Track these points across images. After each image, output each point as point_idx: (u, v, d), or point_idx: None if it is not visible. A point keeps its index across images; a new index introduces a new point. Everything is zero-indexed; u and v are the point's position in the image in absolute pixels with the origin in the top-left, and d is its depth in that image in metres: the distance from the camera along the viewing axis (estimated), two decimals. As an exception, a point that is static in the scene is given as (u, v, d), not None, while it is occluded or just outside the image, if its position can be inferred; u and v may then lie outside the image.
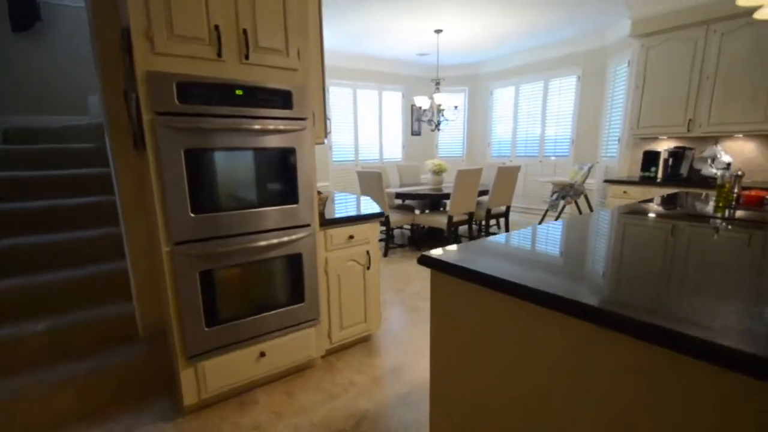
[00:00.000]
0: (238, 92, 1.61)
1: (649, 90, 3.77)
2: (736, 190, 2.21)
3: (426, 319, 2.70)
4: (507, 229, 4.66)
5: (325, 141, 2.31)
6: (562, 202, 4.53)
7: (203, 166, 1.55)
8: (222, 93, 1.56)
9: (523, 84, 5.64)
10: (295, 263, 1.86)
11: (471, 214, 4.20)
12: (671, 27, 3.52)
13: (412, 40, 4.87)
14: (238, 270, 1.70)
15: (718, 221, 1.63)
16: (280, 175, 1.76)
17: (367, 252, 2.17)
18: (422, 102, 4.64)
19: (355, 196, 3.06)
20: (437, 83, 4.65)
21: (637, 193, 3.68)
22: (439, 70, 6.22)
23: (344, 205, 2.51)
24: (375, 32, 4.51)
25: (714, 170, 3.44)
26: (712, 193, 2.60)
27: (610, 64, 4.62)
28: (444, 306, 1.15)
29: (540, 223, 5.12)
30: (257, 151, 1.68)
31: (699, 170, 3.54)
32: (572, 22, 4.27)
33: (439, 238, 4.80)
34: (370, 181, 4.11)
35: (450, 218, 3.98)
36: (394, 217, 4.19)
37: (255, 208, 1.70)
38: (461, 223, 4.17)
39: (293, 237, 1.80)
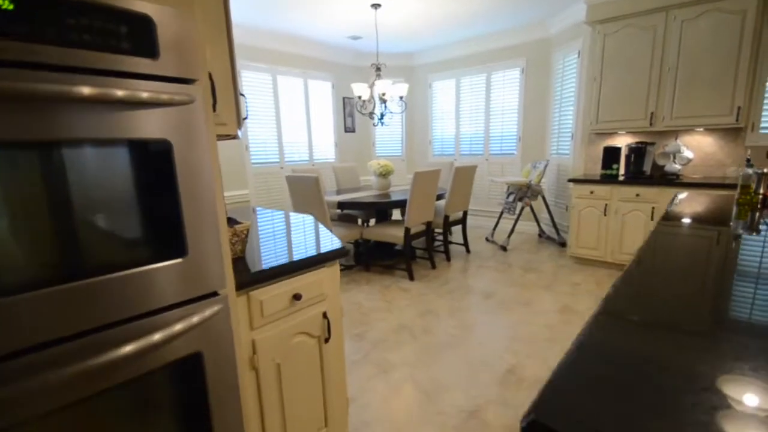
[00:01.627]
0: (4, 3, 0.64)
1: (607, 82, 3.52)
2: (761, 191, 1.87)
3: (411, 382, 1.93)
4: (465, 238, 4.14)
5: (240, 133, 1.40)
6: (520, 204, 4.15)
7: None
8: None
9: (464, 77, 5.22)
10: (188, 374, 0.93)
11: (429, 224, 3.56)
12: (629, 13, 3.29)
13: (343, 19, 4.05)
14: (51, 424, 0.73)
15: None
16: (144, 202, 0.82)
17: (324, 315, 1.32)
18: (361, 90, 3.85)
19: (284, 214, 2.16)
20: (378, 68, 3.90)
21: (604, 192, 3.40)
22: (373, 59, 5.51)
23: (275, 233, 1.61)
24: (298, 3, 3.58)
25: (677, 166, 3.29)
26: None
27: (557, 56, 4.38)
28: None
29: (495, 226, 4.72)
30: (75, 148, 0.72)
31: (662, 166, 3.38)
32: (515, 8, 3.88)
33: (391, 252, 4.08)
34: (304, 188, 3.19)
35: (407, 231, 3.27)
36: (338, 233, 3.34)
37: (84, 278, 0.75)
38: (418, 235, 3.49)
39: (181, 326, 0.87)
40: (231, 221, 1.24)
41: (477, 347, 2.25)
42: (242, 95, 1.41)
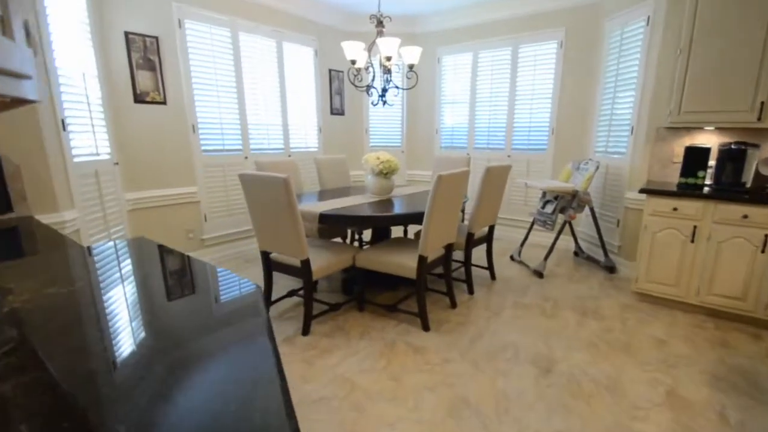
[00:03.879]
0: None
1: (698, 57, 2.52)
2: None
3: None
4: (490, 261, 3.11)
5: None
6: (561, 217, 3.15)
7: None
8: None
9: (484, 50, 4.14)
10: None
11: (449, 246, 2.51)
12: (748, -47, 2.29)
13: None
14: None
15: None
16: None
17: None
18: (355, 52, 2.72)
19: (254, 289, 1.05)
20: (380, 21, 2.77)
21: (693, 210, 2.43)
22: (368, 20, 4.35)
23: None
24: None
25: (799, 176, 2.35)
26: None
27: (611, 24, 3.36)
28: None
29: (524, 242, 3.73)
30: None
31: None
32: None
33: (394, 280, 3.01)
34: (267, 194, 2.08)
35: (422, 260, 2.21)
36: (320, 261, 2.25)
37: None
38: (435, 263, 2.44)
39: None
40: None
41: (569, 506, 1.24)
42: None
